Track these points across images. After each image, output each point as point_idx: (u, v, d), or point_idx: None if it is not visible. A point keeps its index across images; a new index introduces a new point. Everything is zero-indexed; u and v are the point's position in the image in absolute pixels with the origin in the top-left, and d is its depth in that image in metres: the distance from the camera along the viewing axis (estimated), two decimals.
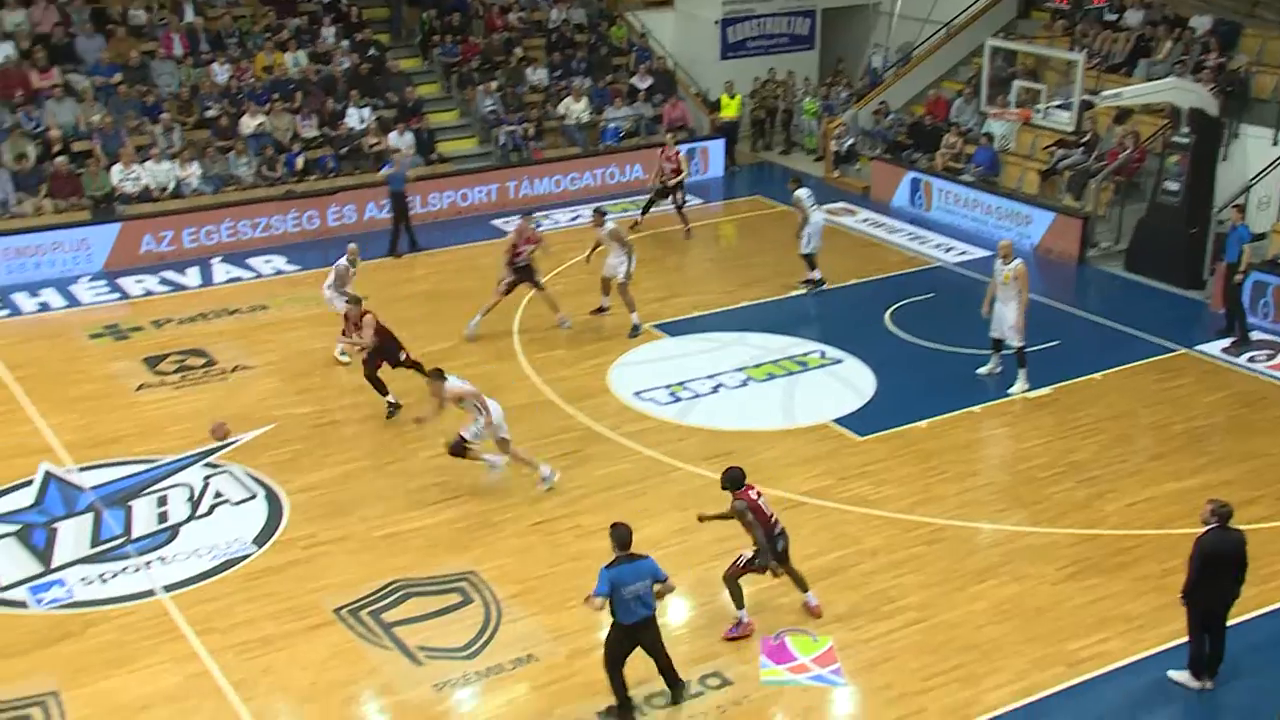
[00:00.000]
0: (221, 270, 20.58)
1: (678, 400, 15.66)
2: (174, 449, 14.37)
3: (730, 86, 26.74)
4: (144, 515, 13.09)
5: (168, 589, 11.82)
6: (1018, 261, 15.58)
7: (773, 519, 10.96)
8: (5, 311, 18.94)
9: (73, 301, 19.35)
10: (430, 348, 17.24)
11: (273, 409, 15.42)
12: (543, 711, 10.16)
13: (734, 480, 10.94)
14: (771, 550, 10.94)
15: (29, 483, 13.71)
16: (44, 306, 19.16)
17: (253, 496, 13.44)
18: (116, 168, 21.45)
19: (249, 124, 23.05)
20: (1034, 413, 15.33)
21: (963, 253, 21.16)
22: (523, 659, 10.76)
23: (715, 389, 15.97)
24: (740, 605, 11.03)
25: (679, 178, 22.05)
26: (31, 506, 13.27)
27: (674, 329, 17.93)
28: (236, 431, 14.64)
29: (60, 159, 21.25)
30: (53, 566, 12.19)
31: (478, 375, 16.29)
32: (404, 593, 11.72)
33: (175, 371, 16.61)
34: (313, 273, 20.21)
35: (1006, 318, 15.67)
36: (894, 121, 25.48)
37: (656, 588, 9.73)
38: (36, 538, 12.67)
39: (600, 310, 17.98)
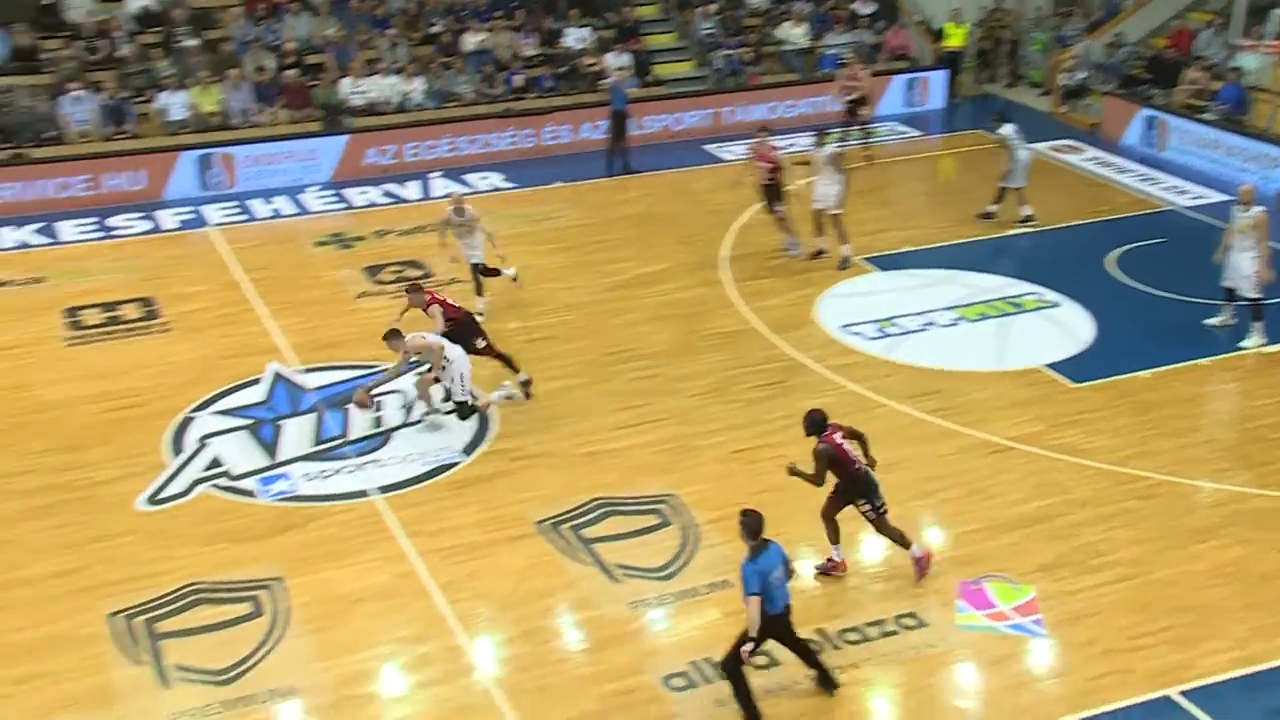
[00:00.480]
0: (440, 185, 21.13)
1: (886, 336, 15.38)
2: (390, 356, 14.80)
3: (957, 14, 25.79)
4: (361, 418, 13.65)
5: (381, 490, 12.35)
6: (1259, 209, 14.66)
7: (856, 464, 10.55)
8: (243, 216, 19.94)
9: (302, 209, 20.21)
10: (641, 269, 17.43)
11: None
12: (732, 636, 10.20)
13: (816, 424, 10.40)
14: (859, 490, 10.56)
15: (258, 380, 14.46)
16: (276, 213, 20.08)
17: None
18: (346, 81, 22.19)
19: (471, 41, 23.47)
20: (1269, 369, 14.48)
21: (1198, 196, 20.01)
22: (717, 584, 10.83)
23: (925, 326, 15.62)
24: (906, 544, 10.82)
25: (860, 98, 21.91)
26: (261, 403, 14.00)
27: (885, 263, 17.57)
28: None
29: (292, 71, 22.11)
30: (278, 460, 12.88)
31: (684, 300, 16.46)
32: (604, 510, 11.94)
33: (394, 281, 17.20)
34: (528, 190, 20.62)
35: (1241, 267, 14.79)
36: (1130, 54, 24.16)
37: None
38: (265, 432, 13.39)
39: (819, 254, 17.60)
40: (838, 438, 10.47)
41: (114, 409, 13.88)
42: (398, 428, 13.47)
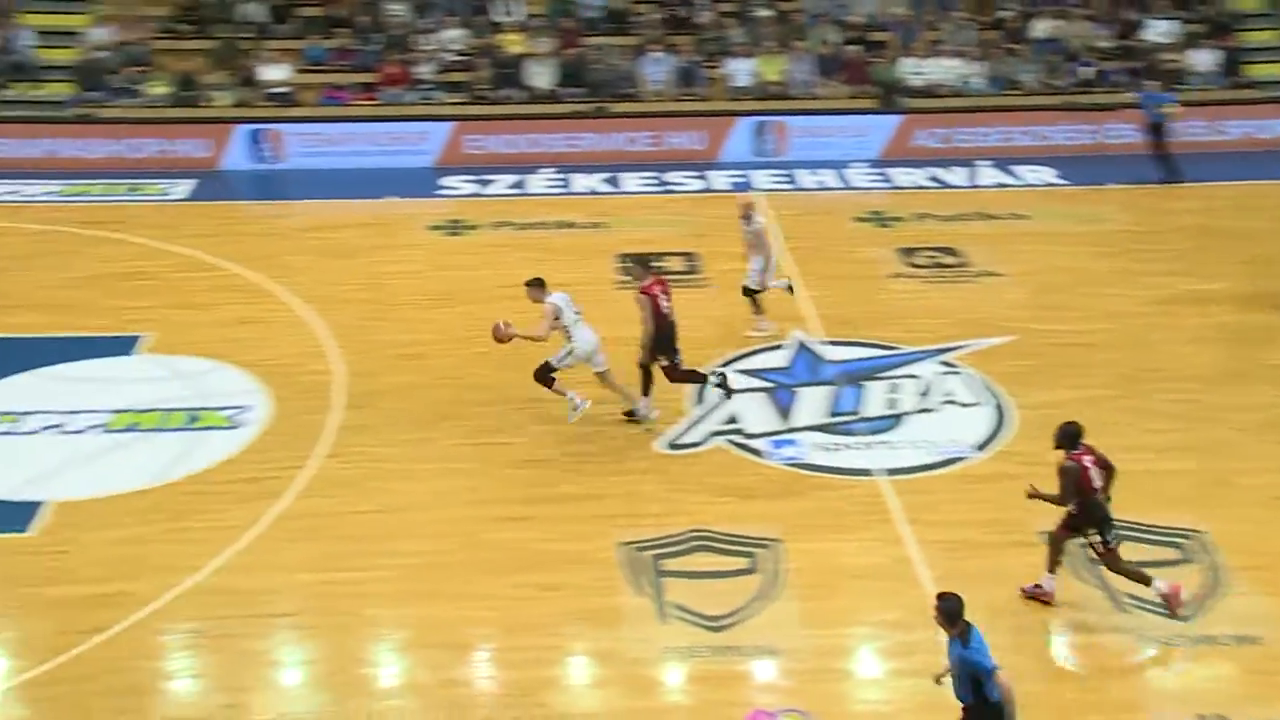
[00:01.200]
0: (986, 174, 20.63)
1: None
2: (914, 341, 14.79)
3: None
4: (876, 398, 13.67)
5: (888, 472, 12.30)
6: None
7: (1097, 491, 9.84)
8: (789, 185, 20.56)
9: (845, 184, 20.51)
10: (1192, 286, 16.26)
11: (1016, 320, 15.28)
12: (1251, 698, 9.27)
13: (1070, 438, 9.83)
14: (1092, 520, 9.85)
15: (782, 346, 14.85)
16: (820, 185, 20.54)
17: (981, 403, 13.49)
18: (907, 60, 22.16)
19: (1040, 28, 22.64)
20: None
21: None
22: (1242, 637, 9.85)
23: None
24: (1146, 581, 9.98)
25: None
26: (783, 369, 14.37)
27: None
28: (975, 335, 14.75)
29: (855, 47, 22.39)
30: (791, 426, 13.20)
31: (1239, 325, 15.12)
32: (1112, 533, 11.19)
33: (928, 266, 17.03)
34: (1081, 189, 19.67)
35: None
36: None
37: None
38: (782, 397, 13.75)
39: None
40: (1087, 460, 9.76)
41: None
42: (911, 413, 13.36)
